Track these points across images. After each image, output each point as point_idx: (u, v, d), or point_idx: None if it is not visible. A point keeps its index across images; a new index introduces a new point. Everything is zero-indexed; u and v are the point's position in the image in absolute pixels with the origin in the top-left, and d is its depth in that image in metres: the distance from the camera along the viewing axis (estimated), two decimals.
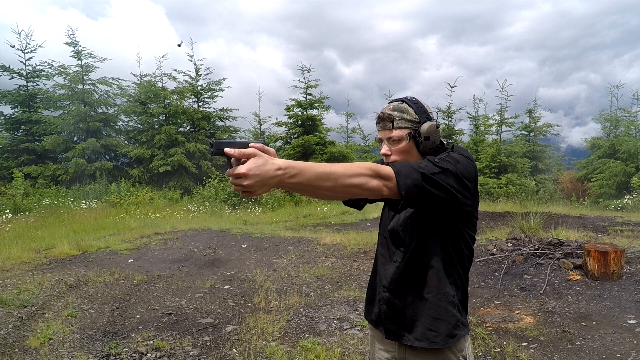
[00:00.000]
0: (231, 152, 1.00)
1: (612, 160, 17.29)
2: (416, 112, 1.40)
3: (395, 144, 1.40)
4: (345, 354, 3.27)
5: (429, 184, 1.19)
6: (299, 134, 17.53)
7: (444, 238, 1.38)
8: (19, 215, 10.65)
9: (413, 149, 1.41)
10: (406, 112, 1.39)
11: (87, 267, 5.78)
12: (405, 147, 1.40)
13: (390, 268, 1.48)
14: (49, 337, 3.50)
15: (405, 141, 1.39)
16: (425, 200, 1.21)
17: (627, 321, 3.81)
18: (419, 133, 1.38)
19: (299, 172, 1.04)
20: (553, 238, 6.24)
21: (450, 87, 18.95)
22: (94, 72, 17.36)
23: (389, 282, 1.47)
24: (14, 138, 17.21)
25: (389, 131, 1.40)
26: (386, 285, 1.48)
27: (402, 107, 1.40)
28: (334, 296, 4.64)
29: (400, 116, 1.39)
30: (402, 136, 1.39)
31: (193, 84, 18.33)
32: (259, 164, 0.99)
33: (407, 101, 1.41)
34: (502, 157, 16.98)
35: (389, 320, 1.48)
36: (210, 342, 3.50)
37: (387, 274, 1.49)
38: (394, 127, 1.39)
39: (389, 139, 1.41)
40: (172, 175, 16.39)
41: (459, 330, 1.40)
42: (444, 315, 1.38)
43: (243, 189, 1.00)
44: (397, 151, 1.41)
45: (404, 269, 1.43)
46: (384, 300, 1.49)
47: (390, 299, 1.47)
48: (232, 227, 9.12)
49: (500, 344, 3.42)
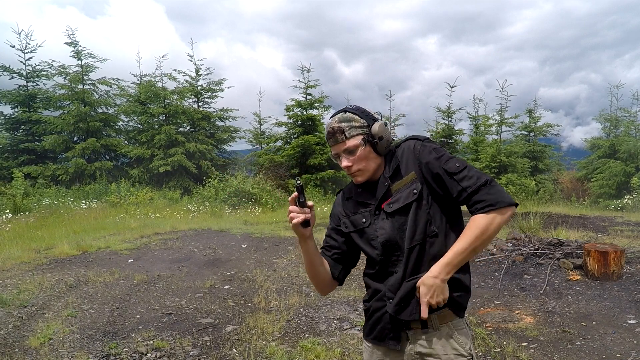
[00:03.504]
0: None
1: (612, 160, 17.28)
2: (361, 117, 1.40)
3: (353, 153, 1.40)
4: (345, 354, 3.27)
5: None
6: (298, 134, 17.53)
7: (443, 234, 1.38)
8: (19, 215, 10.65)
9: (371, 153, 1.41)
10: (353, 120, 1.39)
11: (87, 267, 5.78)
12: (364, 153, 1.39)
13: (391, 280, 1.42)
14: (49, 337, 3.50)
15: (362, 147, 1.39)
16: None
17: (627, 321, 3.81)
18: (371, 135, 1.39)
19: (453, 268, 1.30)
20: (553, 238, 6.24)
21: (450, 87, 18.96)
22: (94, 72, 17.38)
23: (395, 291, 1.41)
24: (14, 138, 17.22)
25: (343, 143, 1.39)
26: (392, 297, 1.42)
27: (347, 116, 1.40)
28: (334, 296, 4.64)
29: (349, 125, 1.38)
30: (357, 144, 1.38)
31: (193, 84, 18.33)
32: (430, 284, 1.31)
33: (350, 110, 1.42)
34: (502, 157, 16.97)
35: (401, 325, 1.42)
36: (210, 342, 3.50)
37: (392, 285, 1.42)
38: (347, 137, 1.38)
39: (345, 151, 1.40)
40: (172, 175, 16.40)
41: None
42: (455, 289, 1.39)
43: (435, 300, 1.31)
44: (356, 160, 1.40)
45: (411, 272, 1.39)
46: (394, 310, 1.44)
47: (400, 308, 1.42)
48: (232, 227, 9.13)
49: (500, 344, 3.42)
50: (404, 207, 1.37)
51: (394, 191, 1.40)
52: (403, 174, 1.39)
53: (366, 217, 1.46)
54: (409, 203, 1.36)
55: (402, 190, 1.38)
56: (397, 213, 1.38)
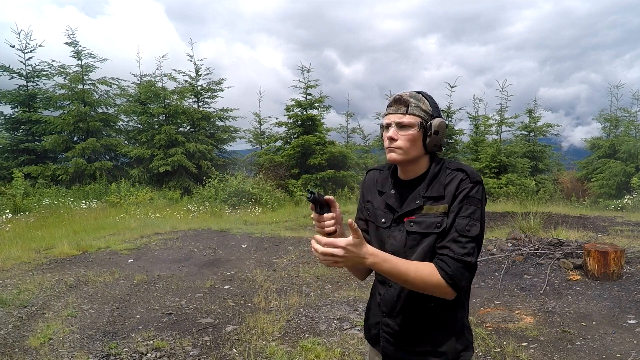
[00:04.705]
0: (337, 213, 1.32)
1: (612, 160, 17.28)
2: (431, 105, 1.38)
3: (405, 130, 1.35)
4: (345, 354, 3.27)
5: (474, 267, 1.29)
6: (298, 134, 17.52)
7: None
8: (19, 215, 10.64)
9: (419, 140, 1.35)
10: (422, 101, 1.36)
11: (87, 267, 5.78)
12: (414, 136, 1.34)
13: (388, 292, 1.42)
14: (49, 337, 3.50)
15: (416, 129, 1.34)
16: None
17: (627, 321, 3.81)
18: (430, 125, 1.35)
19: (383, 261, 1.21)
20: (553, 238, 6.24)
21: (451, 87, 18.94)
22: (94, 72, 17.35)
23: (389, 308, 1.42)
24: (14, 138, 17.20)
25: (402, 115, 1.35)
26: (386, 311, 1.43)
27: (419, 96, 1.37)
28: (334, 296, 4.64)
29: (416, 103, 1.35)
30: (414, 123, 1.34)
31: (193, 84, 18.32)
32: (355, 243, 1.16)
33: (423, 93, 1.40)
34: (502, 157, 16.97)
35: (389, 344, 1.43)
36: (210, 342, 3.50)
37: (386, 299, 1.43)
38: (408, 112, 1.34)
39: (398, 124, 1.35)
40: (172, 175, 16.39)
41: (466, 352, 1.36)
42: (449, 339, 1.34)
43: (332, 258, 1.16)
44: (404, 138, 1.34)
45: (407, 294, 1.37)
46: (384, 326, 1.44)
47: (390, 324, 1.42)
48: (232, 227, 9.13)
49: (500, 344, 3.42)
50: (423, 234, 1.33)
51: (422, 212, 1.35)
52: (437, 201, 1.33)
53: (387, 219, 1.43)
54: (428, 233, 1.32)
55: (429, 216, 1.33)
56: (413, 234, 1.35)
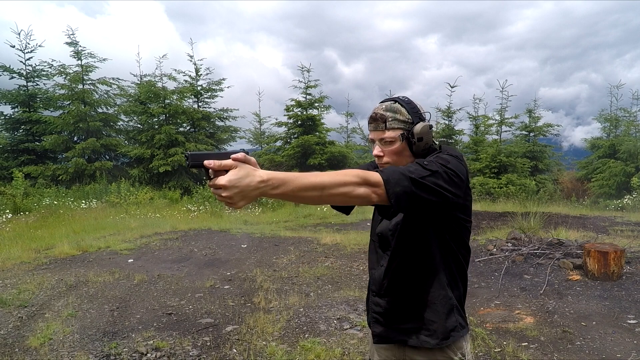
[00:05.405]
0: (210, 164, 0.98)
1: (612, 160, 17.28)
2: (409, 112, 1.36)
3: (388, 145, 1.37)
4: (345, 354, 3.27)
5: (420, 189, 1.15)
6: (298, 134, 17.54)
7: (436, 240, 1.35)
8: (19, 215, 10.64)
9: (406, 150, 1.37)
10: (399, 112, 1.36)
11: (87, 267, 5.77)
12: (398, 148, 1.37)
13: (378, 272, 1.47)
14: (49, 337, 3.50)
15: (398, 142, 1.36)
16: (416, 206, 1.17)
17: (627, 321, 3.81)
18: (412, 134, 1.35)
19: (282, 183, 1.03)
20: (553, 238, 6.24)
21: (451, 87, 18.95)
22: (94, 72, 17.36)
23: (377, 286, 1.46)
24: (14, 138, 17.21)
25: (382, 132, 1.36)
26: (375, 290, 1.47)
27: (395, 107, 1.36)
28: (334, 296, 4.64)
29: (393, 117, 1.35)
30: (395, 137, 1.35)
31: (193, 84, 18.33)
32: (239, 176, 0.98)
33: (400, 101, 1.38)
34: (502, 157, 16.97)
35: (378, 324, 1.47)
36: (210, 342, 3.50)
37: (375, 278, 1.48)
38: (387, 127, 1.35)
39: (381, 140, 1.38)
40: (172, 175, 16.39)
41: (456, 332, 1.38)
42: (438, 317, 1.36)
43: (224, 199, 0.99)
44: (389, 152, 1.38)
45: (393, 273, 1.41)
46: (373, 304, 1.48)
47: (379, 303, 1.46)
48: (232, 227, 9.13)
49: (500, 344, 3.42)
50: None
51: None
52: None
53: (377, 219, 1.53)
54: None
55: None
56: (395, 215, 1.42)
